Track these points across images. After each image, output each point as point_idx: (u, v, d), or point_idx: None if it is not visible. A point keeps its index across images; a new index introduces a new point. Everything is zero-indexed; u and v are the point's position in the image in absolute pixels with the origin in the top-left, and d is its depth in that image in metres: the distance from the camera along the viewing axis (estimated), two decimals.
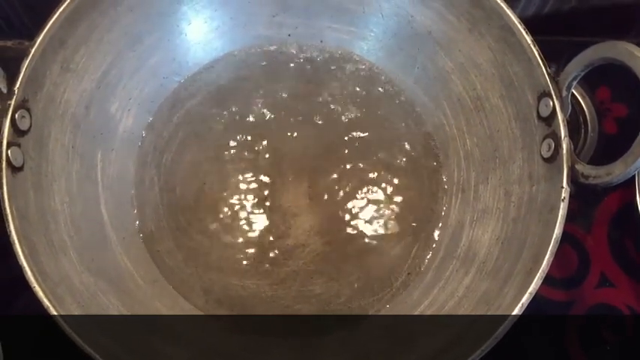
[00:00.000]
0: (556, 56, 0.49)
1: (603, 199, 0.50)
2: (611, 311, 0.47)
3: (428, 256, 0.43)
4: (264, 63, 0.47)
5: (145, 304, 0.40)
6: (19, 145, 0.36)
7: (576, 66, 0.38)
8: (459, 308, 0.38)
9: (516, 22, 0.40)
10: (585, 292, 0.47)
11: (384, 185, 0.44)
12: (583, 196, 0.48)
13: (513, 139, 0.41)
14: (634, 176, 0.45)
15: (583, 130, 0.51)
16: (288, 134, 0.45)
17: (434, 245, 0.43)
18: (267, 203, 0.43)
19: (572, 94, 0.39)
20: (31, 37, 0.37)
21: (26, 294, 0.34)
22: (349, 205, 0.43)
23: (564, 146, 0.37)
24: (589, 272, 0.48)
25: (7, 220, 0.34)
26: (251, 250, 0.42)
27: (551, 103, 0.38)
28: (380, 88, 0.47)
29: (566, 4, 0.55)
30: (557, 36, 0.55)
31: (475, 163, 0.44)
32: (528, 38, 0.40)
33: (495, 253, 0.39)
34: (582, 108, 0.52)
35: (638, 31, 0.56)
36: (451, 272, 0.41)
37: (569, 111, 0.39)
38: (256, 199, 0.43)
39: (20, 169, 0.36)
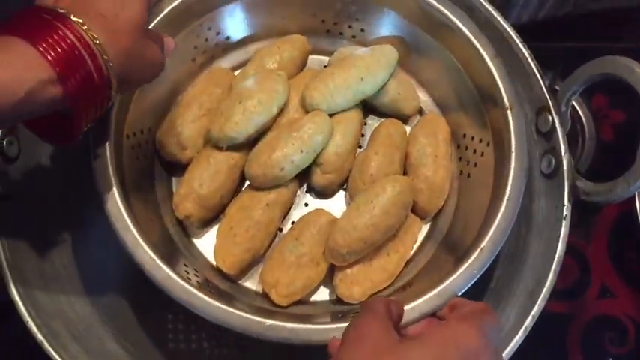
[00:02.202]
0: (552, 63, 0.49)
1: (602, 208, 0.50)
2: (612, 322, 0.46)
3: None
4: None
5: None
6: (6, 174, 0.35)
7: (575, 81, 0.37)
8: None
9: (513, 34, 0.39)
10: (587, 303, 0.47)
11: None
12: (581, 205, 0.48)
13: None
14: None
15: (580, 139, 0.51)
16: None
17: None
18: None
19: None
20: None
21: None
22: None
23: (565, 163, 0.37)
24: (590, 283, 0.47)
25: None
26: None
27: (550, 118, 0.38)
28: None
29: (561, 11, 0.54)
30: (552, 42, 0.54)
31: None
32: (526, 52, 0.39)
33: (496, 271, 0.38)
34: (579, 116, 0.51)
35: (632, 34, 0.56)
36: None
37: (569, 126, 0.38)
38: None
39: (9, 197, 0.35)
